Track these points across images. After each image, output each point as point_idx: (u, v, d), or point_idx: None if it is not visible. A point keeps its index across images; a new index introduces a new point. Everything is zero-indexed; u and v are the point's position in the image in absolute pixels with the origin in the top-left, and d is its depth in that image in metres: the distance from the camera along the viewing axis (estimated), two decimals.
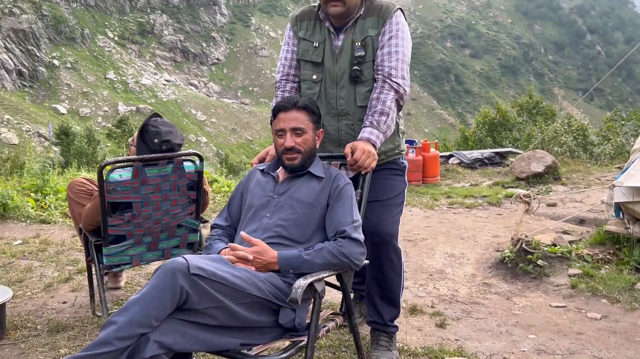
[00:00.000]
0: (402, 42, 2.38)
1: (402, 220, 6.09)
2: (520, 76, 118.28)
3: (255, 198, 2.13)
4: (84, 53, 76.28)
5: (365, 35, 2.38)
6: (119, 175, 2.59)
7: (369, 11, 2.42)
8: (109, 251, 2.71)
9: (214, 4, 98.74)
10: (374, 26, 2.39)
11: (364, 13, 2.42)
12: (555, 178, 8.13)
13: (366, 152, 2.20)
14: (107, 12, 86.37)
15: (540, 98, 16.30)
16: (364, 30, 2.39)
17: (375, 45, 2.39)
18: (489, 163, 9.76)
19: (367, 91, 2.40)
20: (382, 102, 2.31)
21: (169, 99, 76.19)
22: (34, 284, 3.65)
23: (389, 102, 2.31)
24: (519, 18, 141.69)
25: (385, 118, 2.29)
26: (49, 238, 4.81)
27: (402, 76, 2.36)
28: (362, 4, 2.43)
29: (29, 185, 6.34)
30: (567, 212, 5.92)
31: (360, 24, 2.40)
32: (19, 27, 68.26)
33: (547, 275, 3.84)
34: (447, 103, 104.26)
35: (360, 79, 2.39)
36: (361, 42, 2.37)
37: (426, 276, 4.04)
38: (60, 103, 65.66)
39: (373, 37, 2.38)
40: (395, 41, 2.37)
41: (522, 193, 4.14)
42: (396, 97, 2.35)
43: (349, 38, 2.41)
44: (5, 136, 49.80)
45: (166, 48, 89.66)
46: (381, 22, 2.39)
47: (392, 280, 2.56)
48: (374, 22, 2.39)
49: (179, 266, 1.61)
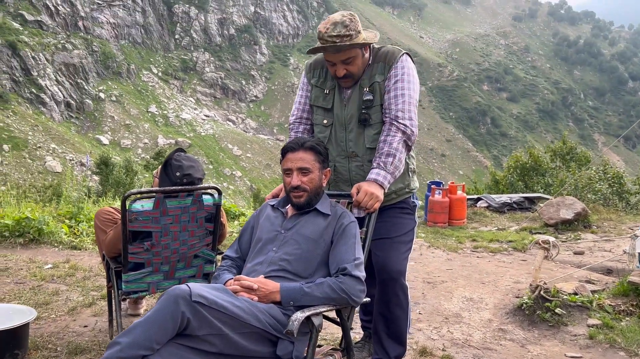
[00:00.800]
0: (408, 85, 2.48)
1: (423, 261, 6.06)
2: (559, 121, 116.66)
3: (264, 232, 2.24)
4: (129, 87, 79.52)
5: (373, 81, 2.50)
6: (141, 205, 2.73)
7: (375, 58, 2.54)
8: (128, 277, 2.83)
9: (254, 43, 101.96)
10: (380, 72, 2.50)
11: (371, 61, 2.54)
12: (585, 225, 7.96)
13: (369, 193, 2.30)
14: (153, 49, 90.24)
15: (574, 144, 16.06)
16: (372, 77, 2.51)
17: (382, 90, 2.50)
18: (518, 207, 9.63)
19: (375, 133, 2.51)
20: (389, 144, 2.41)
21: (207, 133, 78.19)
22: (59, 307, 3.80)
23: (395, 144, 2.40)
24: (557, 63, 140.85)
25: (391, 159, 2.39)
26: (78, 263, 5.00)
27: (409, 117, 2.45)
28: (370, 54, 2.55)
29: (64, 212, 6.63)
30: (594, 261, 5.78)
31: (368, 71, 2.53)
32: (70, 62, 71.94)
33: (565, 324, 3.77)
34: (482, 145, 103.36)
35: (369, 122, 2.51)
36: (369, 88, 2.49)
37: (441, 319, 4.02)
38: (103, 134, 68.22)
39: (380, 82, 2.50)
40: (401, 84, 2.47)
41: (541, 239, 4.11)
42: (403, 138, 2.44)
43: (357, 85, 2.54)
44: (50, 164, 51.86)
45: (207, 84, 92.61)
46: (387, 67, 2.50)
47: (398, 316, 2.60)
48: (381, 68, 2.51)
49: (182, 293, 1.71)
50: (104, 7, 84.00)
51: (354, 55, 2.42)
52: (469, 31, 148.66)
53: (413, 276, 5.19)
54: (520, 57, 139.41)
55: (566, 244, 7.00)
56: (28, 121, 58.67)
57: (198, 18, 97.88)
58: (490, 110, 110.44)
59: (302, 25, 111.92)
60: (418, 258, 6.11)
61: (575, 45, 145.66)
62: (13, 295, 3.99)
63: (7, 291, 4.06)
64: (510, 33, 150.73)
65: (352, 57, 2.42)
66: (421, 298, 4.51)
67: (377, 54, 2.56)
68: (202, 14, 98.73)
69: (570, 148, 15.65)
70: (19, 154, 52.01)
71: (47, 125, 59.97)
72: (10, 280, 4.40)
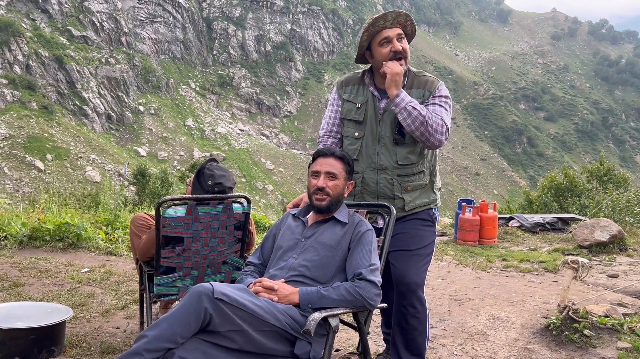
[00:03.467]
0: (447, 110, 2.57)
1: (451, 279, 6.03)
2: (599, 142, 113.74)
3: (285, 240, 2.34)
4: (167, 101, 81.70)
5: None
6: (174, 211, 2.86)
7: (414, 83, 2.63)
8: (160, 281, 2.95)
9: (290, 60, 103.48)
10: (419, 96, 2.59)
11: (408, 84, 2.63)
12: (620, 248, 7.75)
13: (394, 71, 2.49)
14: (192, 64, 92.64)
15: (612, 166, 15.64)
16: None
17: None
18: (551, 228, 9.44)
19: (408, 152, 2.60)
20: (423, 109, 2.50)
21: (241, 147, 79.44)
22: (94, 309, 3.97)
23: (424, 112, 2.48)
24: (598, 83, 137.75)
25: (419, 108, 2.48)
26: (113, 268, 5.19)
27: (441, 119, 2.51)
28: (407, 75, 2.64)
29: (102, 219, 6.88)
30: (628, 285, 5.64)
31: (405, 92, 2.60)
32: (112, 75, 74.53)
33: (593, 346, 3.70)
34: (518, 165, 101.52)
35: (402, 142, 2.59)
36: None
37: (466, 336, 4.00)
38: (141, 146, 70.12)
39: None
40: (439, 108, 2.56)
41: (569, 259, 4.06)
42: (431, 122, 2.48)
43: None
44: (90, 174, 53.55)
45: (242, 99, 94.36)
46: (427, 94, 2.59)
47: (415, 328, 2.62)
48: (420, 94, 2.60)
49: (205, 291, 1.81)
50: (146, 24, 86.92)
51: (404, 35, 2.59)
52: (506, 49, 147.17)
53: (440, 293, 5.18)
54: (558, 76, 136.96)
55: (600, 266, 6.84)
56: (71, 132, 60.88)
57: (236, 35, 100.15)
58: (527, 130, 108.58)
59: (337, 43, 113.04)
60: (446, 276, 6.07)
61: (617, 65, 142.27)
62: (52, 295, 4.18)
63: (47, 292, 4.26)
64: (549, 52, 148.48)
65: (402, 34, 2.58)
66: (447, 314, 4.49)
67: (415, 79, 2.65)
68: (239, 30, 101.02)
69: (608, 169, 15.26)
70: (61, 164, 53.93)
71: (88, 136, 62.08)
72: (49, 281, 4.61)
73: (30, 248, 5.85)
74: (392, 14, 2.54)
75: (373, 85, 2.69)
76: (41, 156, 53.64)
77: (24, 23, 70.29)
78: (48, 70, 67.41)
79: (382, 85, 2.65)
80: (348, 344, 3.29)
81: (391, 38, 2.54)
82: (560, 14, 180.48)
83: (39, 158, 53.24)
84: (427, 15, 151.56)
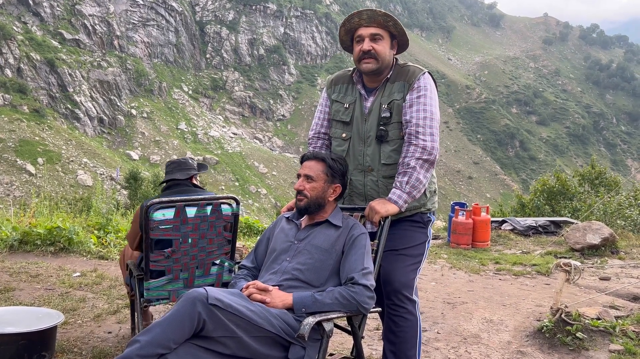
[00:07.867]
0: (430, 102, 2.51)
1: (444, 282, 6.03)
2: (590, 145, 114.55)
3: (279, 243, 2.33)
4: (160, 104, 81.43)
5: (392, 99, 2.54)
6: (162, 214, 2.84)
7: (397, 75, 2.58)
8: (149, 285, 2.93)
9: (283, 63, 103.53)
10: (399, 90, 2.54)
11: (392, 77, 2.58)
12: (612, 251, 7.79)
13: (371, 206, 2.43)
14: (185, 67, 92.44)
15: (604, 169, 15.74)
16: (391, 94, 2.56)
17: (400, 107, 2.53)
18: (543, 231, 9.47)
19: (391, 150, 2.54)
20: (406, 165, 2.44)
21: (234, 151, 79.29)
22: (85, 313, 3.93)
23: (412, 163, 2.43)
24: (589, 87, 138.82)
25: (407, 179, 2.42)
26: (105, 273, 5.15)
27: (430, 133, 2.46)
28: (393, 66, 2.61)
29: (94, 223, 6.83)
30: (620, 287, 5.67)
31: (389, 87, 2.57)
32: (105, 79, 74.22)
33: (586, 348, 3.71)
34: (510, 169, 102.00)
35: (385, 139, 2.54)
36: (387, 105, 2.54)
37: (460, 339, 4.00)
38: (133, 150, 69.81)
39: (398, 100, 2.53)
40: (423, 100, 2.50)
41: (562, 262, 4.08)
42: (423, 155, 2.44)
43: (377, 101, 2.58)
44: (81, 177, 53.23)
45: (236, 103, 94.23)
46: (407, 86, 2.54)
47: (405, 331, 2.49)
48: (400, 87, 2.55)
49: (199, 296, 1.80)
50: (139, 27, 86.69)
51: (384, 36, 2.51)
52: (498, 54, 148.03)
53: (433, 296, 5.18)
54: (550, 80, 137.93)
55: (592, 269, 6.87)
56: (62, 135, 60.51)
57: (229, 38, 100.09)
58: (519, 133, 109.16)
59: (331, 47, 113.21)
60: (439, 279, 6.08)
61: (608, 69, 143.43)
62: (43, 300, 4.14)
63: (37, 297, 4.22)
64: (541, 56, 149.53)
65: (380, 35, 2.51)
66: (440, 317, 4.50)
67: (399, 71, 2.59)
68: (233, 34, 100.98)
69: (599, 172, 15.35)
70: (53, 167, 53.56)
71: (80, 140, 61.73)
72: (40, 286, 4.57)
73: (21, 253, 5.80)
74: (368, 12, 2.50)
75: (361, 83, 2.65)
76: (32, 160, 53.27)
77: (16, 26, 69.90)
78: (39, 74, 67.04)
79: (369, 84, 2.63)
80: (342, 348, 3.28)
81: (363, 37, 2.51)
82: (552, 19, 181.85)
83: (30, 162, 52.87)
84: (420, 19, 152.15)
